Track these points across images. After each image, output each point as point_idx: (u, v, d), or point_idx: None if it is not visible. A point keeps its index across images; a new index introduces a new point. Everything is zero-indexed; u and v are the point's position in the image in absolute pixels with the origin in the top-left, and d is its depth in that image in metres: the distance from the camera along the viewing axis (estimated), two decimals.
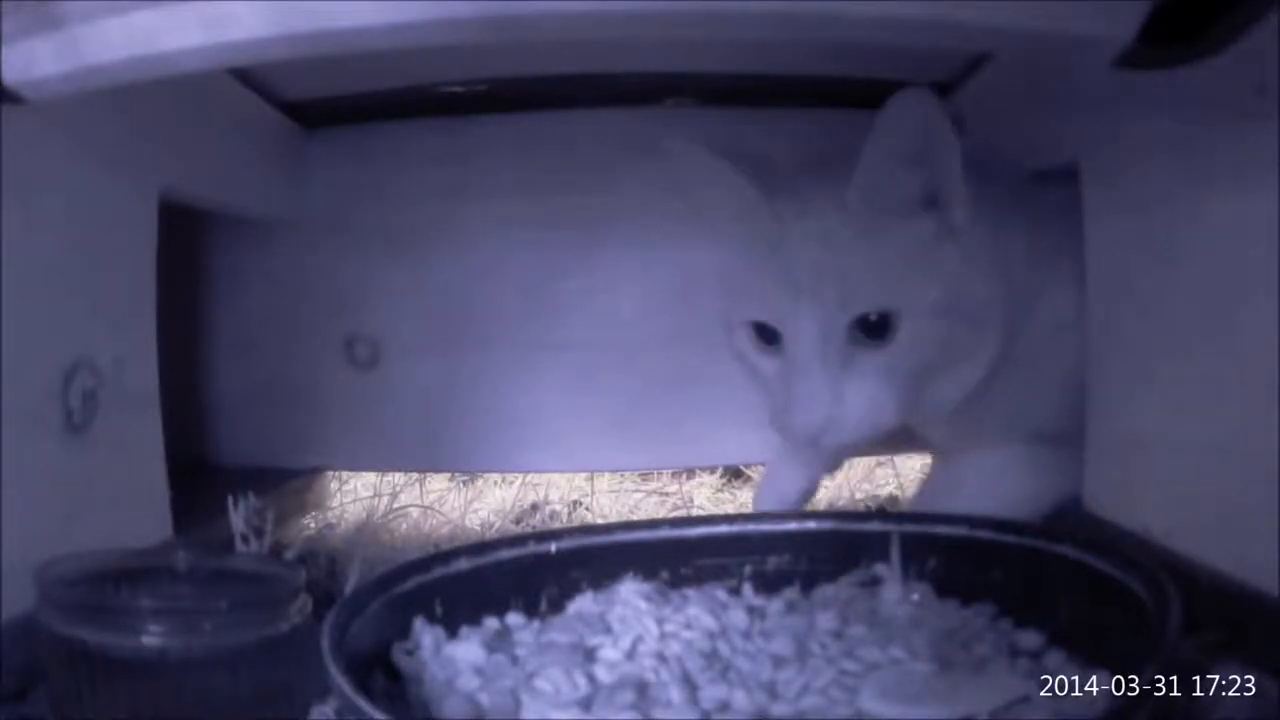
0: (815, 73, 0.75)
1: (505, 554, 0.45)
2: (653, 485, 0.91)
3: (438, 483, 0.90)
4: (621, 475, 0.92)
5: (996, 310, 0.56)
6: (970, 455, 0.63)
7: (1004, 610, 0.43)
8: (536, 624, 0.44)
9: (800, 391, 0.54)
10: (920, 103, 0.51)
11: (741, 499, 0.88)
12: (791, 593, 0.46)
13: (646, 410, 0.83)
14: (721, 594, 0.46)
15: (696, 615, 0.43)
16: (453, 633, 0.42)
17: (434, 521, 0.80)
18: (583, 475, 0.90)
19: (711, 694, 0.37)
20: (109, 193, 0.55)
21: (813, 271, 0.54)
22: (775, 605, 0.45)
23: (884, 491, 0.85)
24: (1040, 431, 0.61)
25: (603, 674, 0.38)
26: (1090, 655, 0.38)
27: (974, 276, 0.55)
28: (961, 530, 0.45)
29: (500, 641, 0.42)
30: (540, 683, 0.37)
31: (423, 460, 0.87)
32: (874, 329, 0.54)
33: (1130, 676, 0.30)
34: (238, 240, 0.84)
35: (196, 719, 0.39)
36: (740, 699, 0.36)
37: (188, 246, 0.83)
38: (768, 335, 0.57)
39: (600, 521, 0.78)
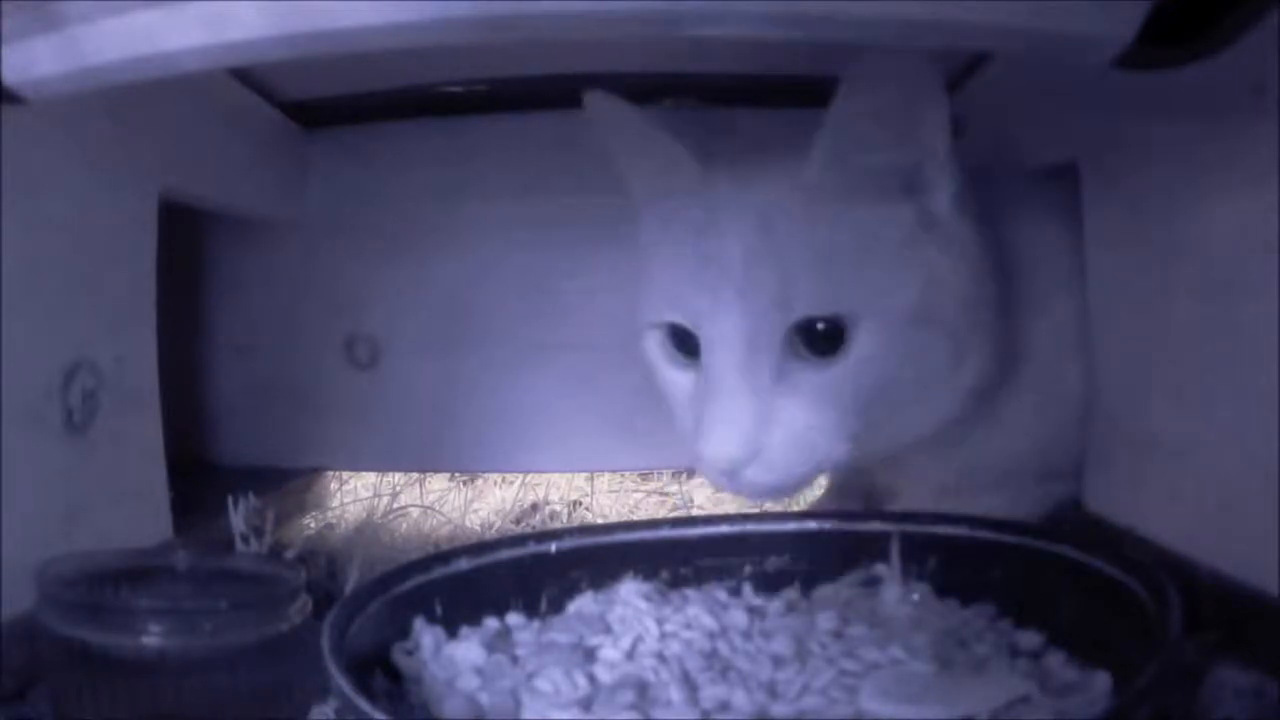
0: (815, 73, 0.75)
1: (505, 554, 0.45)
2: (653, 485, 0.91)
3: (438, 483, 0.90)
4: (621, 475, 0.92)
5: (985, 318, 0.47)
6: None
7: (1004, 610, 0.43)
8: (536, 624, 0.44)
9: (715, 413, 0.43)
10: (909, 58, 0.42)
11: (741, 499, 0.87)
12: (791, 593, 0.46)
13: (646, 410, 0.82)
14: (721, 594, 0.46)
15: (696, 615, 0.43)
16: (453, 633, 0.42)
17: (434, 521, 0.80)
18: (583, 475, 0.90)
19: (711, 694, 0.37)
20: (109, 193, 0.55)
21: (745, 260, 0.43)
22: (775, 605, 0.45)
23: None
24: (1040, 472, 0.54)
25: (603, 674, 0.38)
26: (1090, 655, 0.38)
27: (957, 275, 0.46)
28: (961, 530, 0.45)
29: (500, 641, 0.42)
30: (540, 683, 0.37)
31: (423, 460, 0.87)
32: (821, 339, 0.43)
33: (1130, 676, 0.30)
34: (238, 240, 0.84)
35: (196, 719, 0.39)
36: (740, 699, 0.36)
37: (188, 246, 0.83)
38: (686, 344, 0.46)
39: (600, 521, 0.78)
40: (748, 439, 0.43)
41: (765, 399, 0.43)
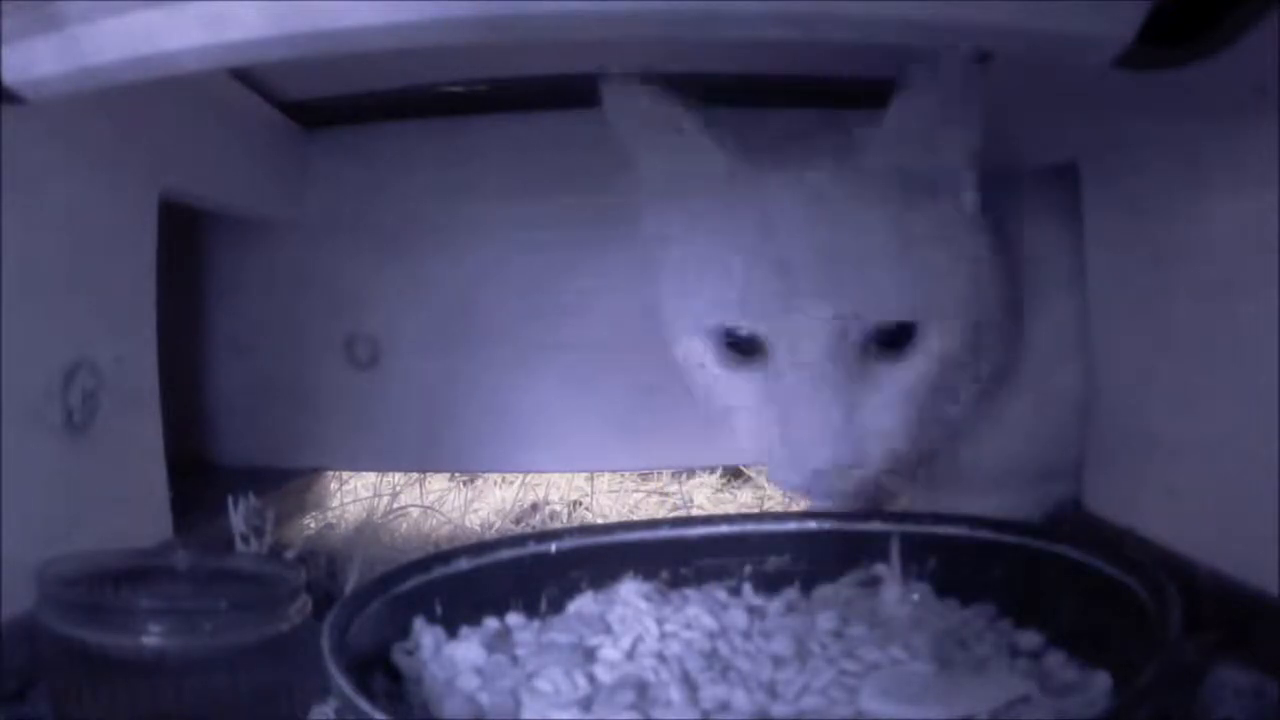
0: (815, 73, 0.75)
1: (505, 554, 0.45)
2: (653, 485, 0.91)
3: (438, 483, 0.90)
4: (621, 475, 0.92)
5: (997, 318, 0.49)
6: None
7: (1004, 610, 0.43)
8: (536, 624, 0.44)
9: (804, 420, 0.42)
10: (961, 58, 0.42)
11: (742, 499, 0.88)
12: (791, 593, 0.46)
13: (646, 410, 0.83)
14: (721, 594, 0.46)
15: (696, 615, 0.43)
16: (453, 633, 0.42)
17: (434, 521, 0.80)
18: (583, 475, 0.90)
19: (711, 694, 0.37)
20: (109, 193, 0.55)
21: (819, 262, 0.42)
22: (775, 605, 0.45)
23: None
24: (1040, 472, 0.55)
25: (603, 674, 0.38)
26: (1090, 655, 0.38)
27: (993, 272, 0.47)
28: (961, 530, 0.45)
29: (500, 641, 0.42)
30: (540, 683, 0.37)
31: (423, 460, 0.87)
32: (892, 337, 0.43)
33: (1130, 676, 0.30)
34: (238, 240, 0.84)
35: (196, 719, 0.39)
36: (740, 699, 0.36)
37: (188, 246, 0.83)
38: (742, 346, 0.46)
39: (600, 521, 0.78)
40: (838, 441, 0.42)
41: (851, 403, 0.43)
